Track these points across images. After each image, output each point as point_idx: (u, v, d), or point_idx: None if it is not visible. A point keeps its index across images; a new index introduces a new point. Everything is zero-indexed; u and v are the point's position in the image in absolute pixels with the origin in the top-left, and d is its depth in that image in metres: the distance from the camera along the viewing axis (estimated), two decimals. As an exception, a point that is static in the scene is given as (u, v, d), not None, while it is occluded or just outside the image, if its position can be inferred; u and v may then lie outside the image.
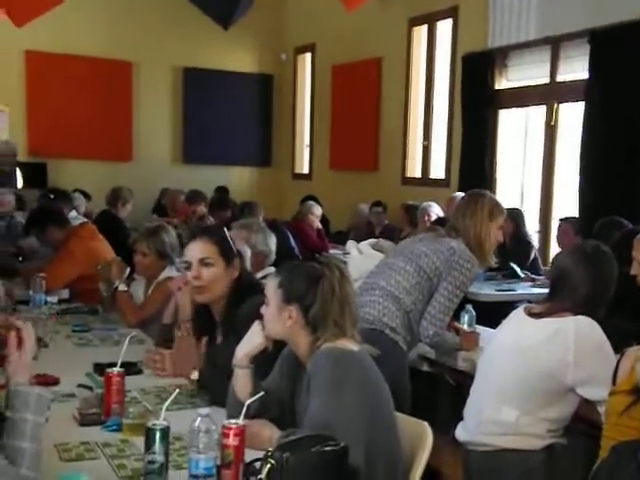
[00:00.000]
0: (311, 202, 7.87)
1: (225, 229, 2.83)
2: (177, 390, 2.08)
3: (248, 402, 1.94)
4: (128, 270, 4.01)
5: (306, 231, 7.38)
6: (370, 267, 3.47)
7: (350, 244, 4.22)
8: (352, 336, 2.12)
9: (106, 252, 4.77)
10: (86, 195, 8.05)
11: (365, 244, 4.09)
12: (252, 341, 2.22)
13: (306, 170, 10.64)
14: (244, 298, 2.59)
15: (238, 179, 10.65)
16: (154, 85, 10.07)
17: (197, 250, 2.69)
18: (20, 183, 8.70)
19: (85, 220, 5.50)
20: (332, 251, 7.22)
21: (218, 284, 2.67)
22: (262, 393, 2.03)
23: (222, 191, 9.31)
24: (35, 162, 9.15)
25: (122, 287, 3.87)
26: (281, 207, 10.45)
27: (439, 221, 5.20)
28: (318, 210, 7.66)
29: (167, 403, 1.87)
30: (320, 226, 7.62)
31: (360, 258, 3.96)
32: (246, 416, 1.87)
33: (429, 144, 8.12)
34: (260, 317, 2.20)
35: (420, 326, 3.19)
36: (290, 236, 6.32)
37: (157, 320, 3.59)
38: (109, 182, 8.27)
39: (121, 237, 5.92)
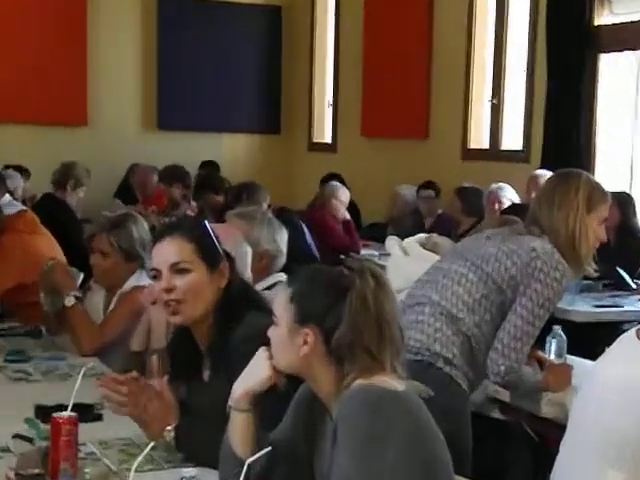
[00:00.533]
0: (335, 183, 7.89)
1: (205, 222, 2.81)
2: (151, 444, 2.10)
3: (250, 460, 1.94)
4: (82, 277, 4.04)
5: (328, 223, 7.40)
6: (419, 273, 3.47)
7: (390, 241, 4.22)
8: (394, 370, 2.12)
9: (51, 252, 4.80)
10: (23, 172, 8.12)
11: (412, 241, 4.09)
12: (255, 375, 2.22)
13: (328, 138, 10.66)
14: (237, 316, 2.60)
15: (233, 151, 10.71)
16: (117, 19, 10.14)
17: (167, 253, 2.68)
18: None
19: (23, 208, 5.55)
20: (364, 251, 7.24)
21: (199, 297, 2.66)
22: (269, 448, 2.04)
23: (211, 168, 9.37)
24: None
25: (70, 300, 3.89)
26: (293, 190, 10.49)
27: (514, 210, 5.18)
28: (344, 194, 7.66)
29: (138, 460, 1.88)
30: (348, 216, 7.64)
31: (405, 261, 3.95)
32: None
33: (500, 102, 8.10)
34: (265, 342, 2.21)
35: (488, 358, 3.18)
36: (306, 230, 6.34)
37: (121, 346, 3.61)
38: (55, 155, 8.33)
39: (71, 231, 5.97)
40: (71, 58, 9.85)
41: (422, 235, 4.22)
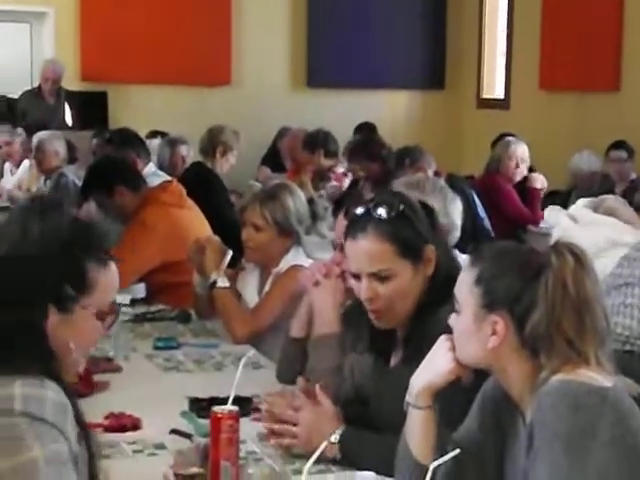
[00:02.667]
0: (510, 139, 7.68)
1: (402, 208, 2.61)
2: (324, 443, 2.11)
3: (434, 465, 1.93)
4: (230, 254, 4.09)
5: (502, 190, 7.26)
6: (597, 244, 3.37)
7: (552, 211, 4.09)
8: (598, 362, 2.07)
9: (200, 227, 4.89)
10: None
11: (580, 206, 3.93)
12: (436, 367, 2.20)
13: (500, 93, 10.53)
14: (443, 300, 2.48)
15: (391, 111, 10.67)
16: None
17: (363, 259, 2.60)
18: (69, 121, 9.10)
19: (168, 179, 5.65)
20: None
21: (406, 299, 2.61)
22: (457, 451, 2.02)
23: (367, 130, 9.34)
24: (91, 91, 9.55)
25: (222, 282, 3.96)
26: (460, 154, 10.40)
27: None
28: (522, 150, 7.43)
29: (311, 462, 1.89)
30: (536, 183, 7.42)
31: (576, 230, 3.80)
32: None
33: None
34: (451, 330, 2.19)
35: None
36: (477, 201, 6.25)
37: (279, 332, 3.65)
38: (196, 117, 8.50)
39: (219, 204, 6.04)
40: (214, 13, 10.04)
41: (592, 199, 4.04)
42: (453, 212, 3.88)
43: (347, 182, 7.52)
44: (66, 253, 2.02)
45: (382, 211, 2.60)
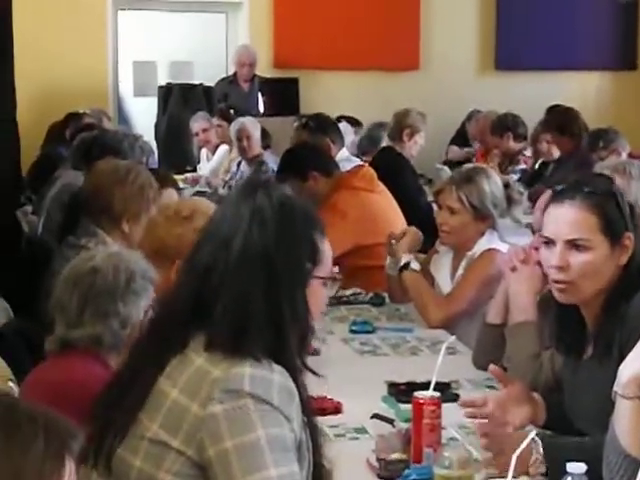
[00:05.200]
0: None
1: (614, 186, 2.59)
2: (533, 432, 2.06)
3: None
4: (421, 238, 4.07)
5: None
6: None
7: None
8: None
9: (391, 211, 4.88)
10: (356, 123, 8.32)
11: None
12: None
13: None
14: (635, 291, 2.45)
15: (581, 93, 10.39)
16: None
17: (565, 223, 2.53)
18: (262, 108, 9.24)
19: (360, 163, 5.67)
20: None
21: (595, 278, 2.50)
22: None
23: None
24: (283, 77, 9.69)
25: (414, 264, 3.93)
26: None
27: None
28: None
29: (519, 451, 1.85)
30: None
31: None
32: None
33: None
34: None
35: None
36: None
37: (475, 317, 3.61)
38: (386, 103, 8.48)
39: (410, 187, 6.02)
40: (404, 2, 10.04)
41: None
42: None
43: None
44: (302, 230, 2.04)
45: (592, 186, 2.55)
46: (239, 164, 7.65)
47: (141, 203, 3.72)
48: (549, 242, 2.56)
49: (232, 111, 8.41)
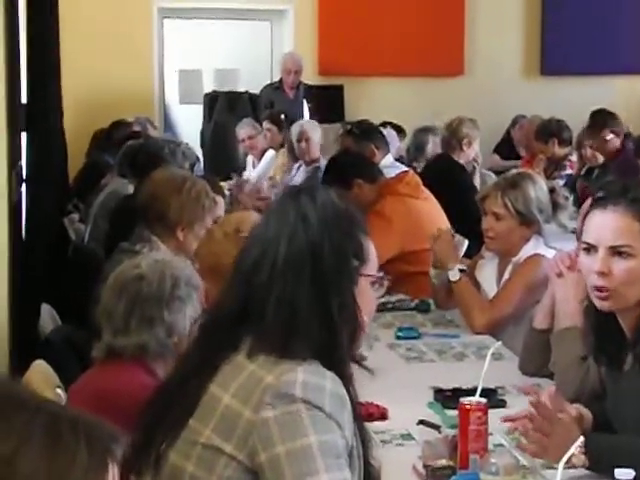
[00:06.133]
0: None
1: None
2: (580, 439, 2.03)
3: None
4: (466, 244, 4.05)
5: None
6: None
7: None
8: None
9: (436, 217, 4.86)
10: (400, 130, 8.31)
11: None
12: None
13: None
14: None
15: (626, 98, 10.29)
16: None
17: (608, 229, 2.49)
18: (307, 115, 9.25)
19: (404, 169, 5.65)
20: None
21: (637, 286, 2.50)
22: None
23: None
24: (328, 85, 9.71)
25: (455, 274, 3.93)
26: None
27: None
28: None
29: (566, 457, 1.83)
30: None
31: None
32: None
33: None
34: None
35: None
36: None
37: (519, 322, 3.58)
38: (430, 109, 8.44)
39: (463, 194, 5.97)
40: (448, 4, 10.01)
41: None
42: None
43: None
44: (346, 228, 2.03)
45: (636, 192, 2.49)
46: (299, 168, 7.58)
47: (196, 212, 3.74)
48: (590, 248, 2.52)
49: (283, 116, 8.42)
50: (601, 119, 7.18)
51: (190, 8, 9.93)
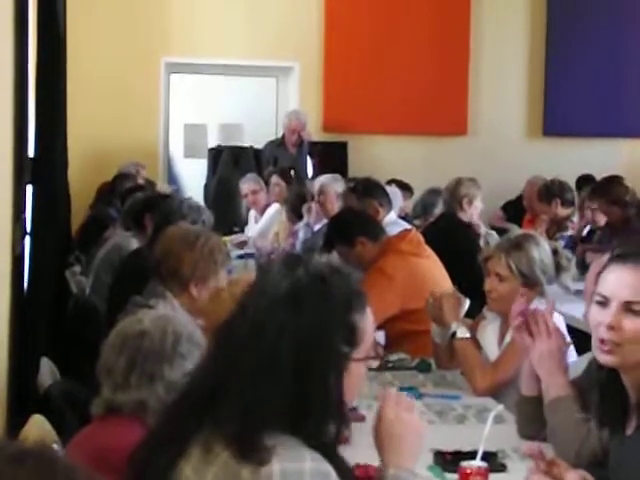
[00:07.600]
0: None
1: None
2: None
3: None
4: (468, 303, 4.03)
5: None
6: None
7: None
8: None
9: (438, 276, 4.85)
10: (405, 188, 8.31)
11: None
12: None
13: None
14: None
15: (630, 160, 10.34)
16: (501, 27, 10.23)
17: (625, 285, 2.47)
18: (310, 171, 9.28)
19: (407, 227, 5.65)
20: None
21: None
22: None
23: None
24: (331, 141, 9.75)
25: (462, 332, 3.91)
26: None
27: None
28: None
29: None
30: None
31: None
32: None
33: None
34: None
35: None
36: None
37: (517, 387, 3.55)
38: (433, 168, 8.46)
39: (466, 253, 5.96)
40: (451, 65, 10.09)
41: None
42: None
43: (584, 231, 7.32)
44: (339, 311, 1.96)
45: None
46: (307, 224, 7.50)
47: (209, 267, 3.72)
48: (604, 301, 2.49)
49: (292, 172, 8.44)
50: (611, 185, 7.15)
51: (197, 64, 10.01)
